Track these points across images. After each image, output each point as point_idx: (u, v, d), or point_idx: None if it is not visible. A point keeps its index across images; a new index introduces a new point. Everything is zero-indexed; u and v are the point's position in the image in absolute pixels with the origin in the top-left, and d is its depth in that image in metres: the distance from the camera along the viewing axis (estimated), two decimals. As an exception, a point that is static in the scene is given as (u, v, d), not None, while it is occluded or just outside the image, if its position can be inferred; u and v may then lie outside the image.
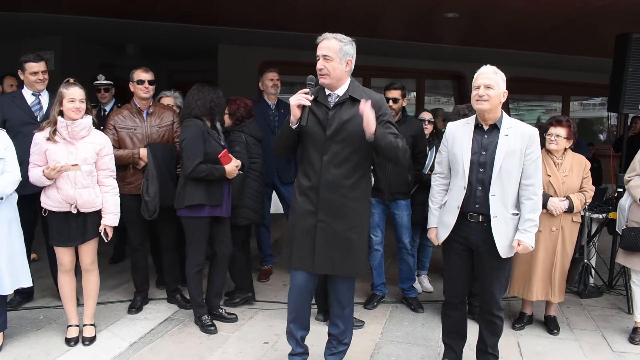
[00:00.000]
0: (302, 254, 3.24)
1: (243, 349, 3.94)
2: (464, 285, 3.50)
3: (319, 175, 3.16)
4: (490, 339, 3.43)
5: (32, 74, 4.35)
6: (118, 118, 4.41)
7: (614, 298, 5.20)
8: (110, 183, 3.87)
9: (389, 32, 8.04)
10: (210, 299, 4.38)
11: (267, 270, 5.60)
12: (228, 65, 9.58)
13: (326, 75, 3.12)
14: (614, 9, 5.88)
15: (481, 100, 3.19)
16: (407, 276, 4.80)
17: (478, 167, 3.25)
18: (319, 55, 3.12)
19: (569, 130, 4.19)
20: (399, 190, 4.60)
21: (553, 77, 10.69)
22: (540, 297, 4.31)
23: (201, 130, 4.03)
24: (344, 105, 3.16)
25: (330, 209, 3.17)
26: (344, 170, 3.16)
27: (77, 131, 3.66)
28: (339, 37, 3.14)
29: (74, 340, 3.90)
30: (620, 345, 4.18)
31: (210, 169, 3.99)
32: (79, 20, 7.57)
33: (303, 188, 3.25)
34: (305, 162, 3.26)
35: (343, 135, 3.13)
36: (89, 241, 3.84)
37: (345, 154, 3.15)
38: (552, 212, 4.14)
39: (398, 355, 3.93)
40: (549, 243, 4.23)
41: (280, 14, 7.10)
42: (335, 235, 3.19)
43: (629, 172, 4.31)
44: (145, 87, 4.41)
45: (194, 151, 3.98)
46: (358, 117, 3.07)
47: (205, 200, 4.04)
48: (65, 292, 3.94)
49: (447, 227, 3.36)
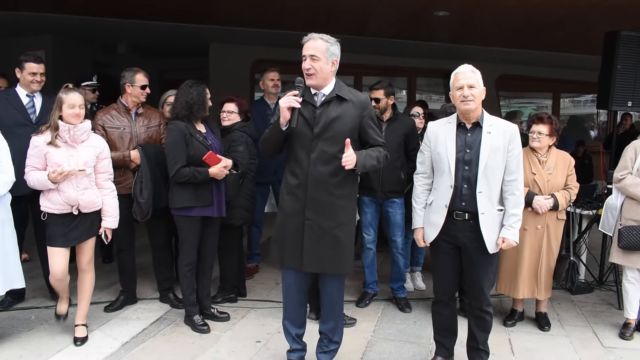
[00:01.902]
0: (292, 252, 3.28)
1: (235, 348, 3.95)
2: (453, 283, 3.53)
3: (307, 173, 3.19)
4: (481, 335, 3.45)
5: (30, 74, 4.34)
6: (106, 118, 4.37)
7: (605, 294, 5.24)
8: (109, 186, 3.90)
9: (380, 31, 8.05)
10: (202, 299, 4.37)
11: (252, 268, 5.62)
12: (220, 63, 9.56)
13: (313, 75, 3.15)
14: (603, 7, 5.92)
15: (467, 100, 3.21)
16: (397, 276, 4.81)
17: (463, 165, 3.27)
18: (306, 55, 3.14)
19: (551, 127, 4.18)
20: (392, 189, 4.62)
21: (543, 75, 10.75)
22: (527, 295, 4.33)
23: (182, 133, 4.00)
24: (331, 103, 3.20)
25: (317, 206, 3.20)
26: (331, 168, 3.18)
27: (79, 135, 3.69)
28: (325, 37, 3.17)
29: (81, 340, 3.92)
30: (611, 341, 4.21)
31: (193, 173, 3.96)
32: (70, 19, 7.54)
33: (290, 187, 3.28)
34: (292, 160, 3.28)
35: (330, 134, 3.16)
36: (88, 240, 3.85)
37: (332, 152, 3.17)
38: (538, 210, 4.15)
39: (390, 352, 3.94)
40: (535, 241, 4.25)
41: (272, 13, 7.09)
42: (323, 233, 3.22)
43: (621, 170, 4.28)
44: (146, 92, 4.43)
45: (174, 155, 3.97)
46: (345, 115, 3.17)
47: (193, 202, 4.03)
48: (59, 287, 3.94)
49: (435, 226, 3.36)
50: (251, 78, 9.73)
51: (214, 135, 4.26)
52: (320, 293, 3.51)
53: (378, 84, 4.67)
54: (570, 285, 4.36)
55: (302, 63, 3.16)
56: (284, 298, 3.47)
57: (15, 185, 3.80)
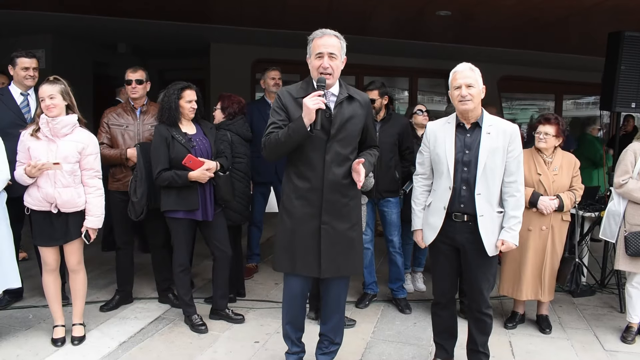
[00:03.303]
0: (307, 259, 3.14)
1: (233, 348, 3.92)
2: (452, 284, 3.49)
3: (321, 176, 3.07)
4: (480, 337, 3.42)
5: (23, 69, 4.32)
6: (112, 116, 4.43)
7: (606, 297, 5.20)
8: (94, 184, 3.79)
9: (381, 30, 8.03)
10: (216, 300, 4.38)
11: (251, 268, 5.60)
12: (220, 63, 9.54)
13: (330, 75, 3.03)
14: (605, 7, 5.88)
15: (464, 100, 3.16)
16: (396, 276, 4.78)
17: (462, 167, 3.23)
18: (324, 52, 3.00)
19: (557, 128, 4.14)
20: (387, 188, 4.61)
21: (546, 76, 10.71)
22: (530, 297, 4.29)
23: (162, 137, 3.99)
24: (343, 104, 3.11)
25: (333, 209, 3.12)
26: (345, 169, 3.12)
27: (58, 129, 3.62)
28: (337, 34, 3.07)
29: (61, 340, 3.86)
30: (612, 344, 4.18)
31: (173, 176, 3.93)
32: (70, 18, 7.52)
33: (301, 191, 3.13)
34: (301, 163, 3.11)
35: (343, 134, 3.09)
36: (73, 242, 3.79)
37: (345, 153, 3.11)
38: (543, 210, 4.12)
39: (389, 354, 3.91)
40: (539, 242, 4.21)
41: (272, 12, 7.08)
42: (339, 236, 3.14)
43: (621, 175, 4.20)
44: (133, 87, 4.42)
45: (156, 159, 3.97)
46: (356, 115, 3.11)
47: (177, 206, 4.01)
48: (49, 292, 3.88)
49: (434, 229, 3.33)
50: (252, 78, 9.71)
51: (205, 136, 4.21)
52: (324, 295, 3.43)
53: (372, 85, 4.63)
54: (575, 287, 4.31)
55: (315, 61, 3.02)
56: (288, 306, 3.36)
57: (12, 186, 3.78)
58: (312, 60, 3.07)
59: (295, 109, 3.06)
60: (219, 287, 4.35)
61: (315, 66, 3.04)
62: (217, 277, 4.32)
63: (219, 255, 4.27)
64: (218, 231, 4.26)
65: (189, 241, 4.22)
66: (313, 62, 3.06)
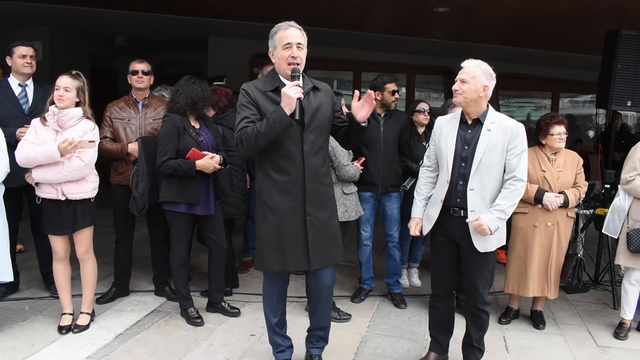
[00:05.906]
0: (297, 253, 3.12)
1: (229, 341, 3.94)
2: (450, 277, 3.51)
3: (301, 167, 3.07)
4: (476, 333, 3.44)
5: (20, 57, 4.33)
6: (114, 109, 4.44)
7: (600, 293, 5.24)
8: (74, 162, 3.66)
9: (379, 26, 8.02)
10: (212, 293, 4.40)
11: (247, 262, 5.62)
12: (218, 57, 9.52)
13: (300, 65, 3.07)
14: (603, 6, 5.90)
15: (455, 93, 3.23)
16: (393, 271, 4.81)
17: (460, 162, 3.26)
18: (292, 43, 3.03)
19: (566, 126, 4.21)
20: (392, 182, 4.66)
21: (543, 74, 10.72)
22: (537, 293, 4.30)
23: (176, 126, 3.99)
24: (310, 94, 3.14)
25: (315, 199, 3.13)
26: (321, 158, 3.16)
27: (65, 120, 3.69)
28: (300, 27, 3.11)
29: (66, 328, 3.91)
30: (605, 340, 4.21)
31: (178, 162, 3.93)
32: (67, 10, 7.50)
33: (282, 185, 3.09)
34: (279, 156, 3.07)
35: (315, 124, 3.11)
36: (81, 230, 3.85)
37: (320, 142, 3.15)
38: (548, 207, 4.13)
39: (384, 348, 3.94)
40: (545, 238, 4.22)
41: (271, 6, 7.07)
42: (322, 226, 3.17)
43: (629, 172, 4.23)
44: (139, 77, 4.42)
45: (164, 147, 3.96)
46: (323, 104, 3.16)
47: (178, 198, 4.01)
48: (59, 280, 3.94)
49: (430, 220, 3.38)
50: (250, 72, 9.69)
51: (209, 131, 4.22)
52: (312, 288, 3.38)
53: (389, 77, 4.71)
54: (577, 282, 4.36)
55: (283, 51, 3.03)
56: (274, 308, 3.35)
57: (10, 177, 3.79)
58: (278, 51, 3.08)
59: (266, 102, 3.07)
60: (215, 280, 4.36)
61: (284, 57, 3.05)
62: (213, 271, 4.34)
63: (215, 248, 4.28)
64: (215, 225, 4.26)
65: (188, 235, 4.22)
66: (280, 52, 3.07)
